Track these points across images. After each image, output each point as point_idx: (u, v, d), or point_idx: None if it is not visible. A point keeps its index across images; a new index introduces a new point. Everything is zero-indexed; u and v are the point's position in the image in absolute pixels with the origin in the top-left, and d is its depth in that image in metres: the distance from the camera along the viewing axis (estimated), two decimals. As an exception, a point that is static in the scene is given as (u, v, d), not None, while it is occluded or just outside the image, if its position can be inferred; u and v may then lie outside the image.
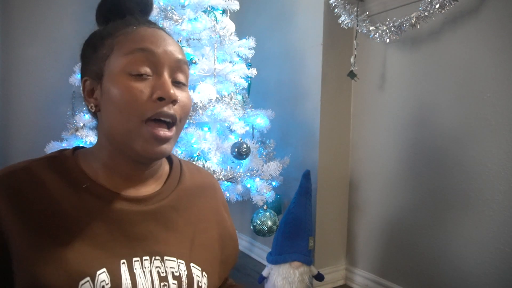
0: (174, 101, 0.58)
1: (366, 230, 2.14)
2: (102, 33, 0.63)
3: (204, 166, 1.63)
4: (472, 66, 1.62)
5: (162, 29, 0.64)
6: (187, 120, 1.64)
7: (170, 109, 0.58)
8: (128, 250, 0.59)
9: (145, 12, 0.68)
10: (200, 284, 0.64)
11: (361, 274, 2.15)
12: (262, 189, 1.77)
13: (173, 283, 0.60)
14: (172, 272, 0.61)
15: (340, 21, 1.98)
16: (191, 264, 0.64)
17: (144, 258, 0.60)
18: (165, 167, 0.71)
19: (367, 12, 1.96)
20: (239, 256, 0.80)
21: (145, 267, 0.59)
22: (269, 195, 1.80)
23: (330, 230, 2.19)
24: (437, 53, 1.76)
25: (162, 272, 0.60)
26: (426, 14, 1.64)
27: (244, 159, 1.72)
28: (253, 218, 1.91)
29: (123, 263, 0.57)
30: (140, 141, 0.57)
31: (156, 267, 0.60)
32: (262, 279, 1.91)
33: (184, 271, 0.62)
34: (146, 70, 0.58)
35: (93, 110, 0.62)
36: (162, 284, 0.59)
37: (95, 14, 0.67)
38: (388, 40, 1.81)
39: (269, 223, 1.88)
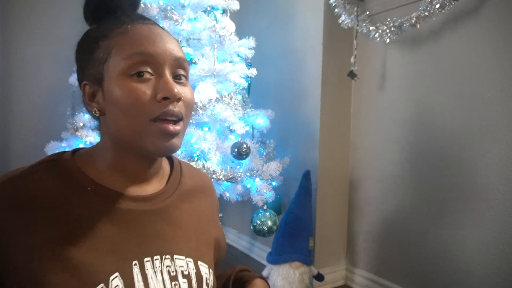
0: (178, 99, 0.58)
1: (366, 230, 2.14)
2: (96, 34, 0.61)
3: (204, 166, 1.63)
4: (472, 66, 1.62)
5: (157, 24, 0.63)
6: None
7: (175, 107, 0.58)
8: (139, 250, 0.58)
9: (134, 6, 0.66)
10: (208, 282, 0.65)
11: (361, 274, 2.15)
12: (262, 189, 1.77)
13: (183, 282, 0.60)
14: (182, 271, 0.61)
15: (340, 21, 1.98)
16: (199, 262, 0.65)
17: (155, 257, 0.59)
18: (166, 166, 0.70)
19: (367, 12, 1.96)
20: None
21: (156, 267, 0.59)
22: (269, 195, 1.80)
23: (330, 230, 2.19)
24: (437, 53, 1.76)
25: (172, 271, 0.60)
26: (426, 14, 1.64)
27: (244, 159, 1.72)
28: (253, 218, 1.91)
29: (135, 264, 0.57)
30: (151, 138, 0.57)
31: (167, 266, 0.60)
32: (262, 279, 1.91)
33: (193, 269, 0.63)
34: (147, 70, 0.57)
35: (97, 115, 0.61)
36: (173, 283, 0.59)
37: (82, 13, 0.64)
38: (388, 40, 1.81)
39: (269, 223, 1.87)
